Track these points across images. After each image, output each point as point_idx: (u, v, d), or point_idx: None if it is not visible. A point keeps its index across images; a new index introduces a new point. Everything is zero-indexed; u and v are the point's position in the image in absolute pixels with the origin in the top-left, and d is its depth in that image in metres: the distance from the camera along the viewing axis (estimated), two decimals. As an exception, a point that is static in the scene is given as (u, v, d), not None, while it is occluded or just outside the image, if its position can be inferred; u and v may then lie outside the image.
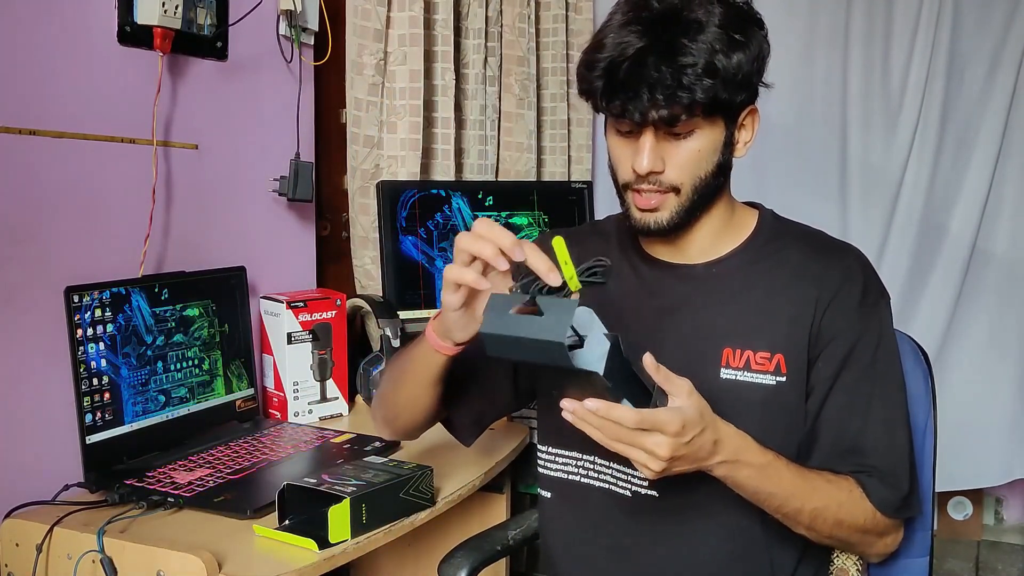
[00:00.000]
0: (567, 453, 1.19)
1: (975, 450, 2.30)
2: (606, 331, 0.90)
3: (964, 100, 2.28)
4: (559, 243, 0.93)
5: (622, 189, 1.11)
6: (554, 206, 2.08)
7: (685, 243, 1.15)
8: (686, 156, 1.06)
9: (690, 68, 0.99)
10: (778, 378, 1.09)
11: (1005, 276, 2.31)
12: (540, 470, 1.23)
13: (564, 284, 0.92)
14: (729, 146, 1.09)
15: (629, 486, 1.14)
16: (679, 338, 1.13)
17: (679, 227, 1.10)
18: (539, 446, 1.23)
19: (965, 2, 2.25)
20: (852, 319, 1.10)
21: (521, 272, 0.95)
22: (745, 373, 1.10)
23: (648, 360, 0.94)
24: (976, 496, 2.63)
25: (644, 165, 1.05)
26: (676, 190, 1.07)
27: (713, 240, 1.15)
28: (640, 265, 1.18)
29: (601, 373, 0.88)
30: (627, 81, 1.01)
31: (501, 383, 1.25)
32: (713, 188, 1.10)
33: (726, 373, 1.10)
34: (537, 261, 0.93)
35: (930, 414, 1.23)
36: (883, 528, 1.11)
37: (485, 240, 0.95)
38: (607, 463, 1.16)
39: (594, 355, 0.89)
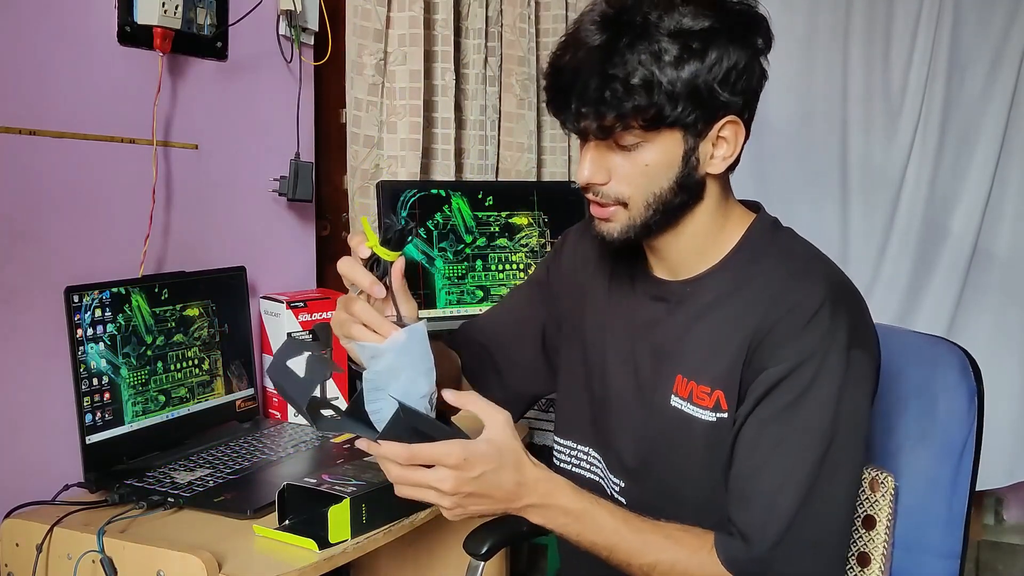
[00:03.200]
0: (567, 443, 1.20)
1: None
2: (395, 396, 0.90)
3: (965, 100, 2.28)
4: (363, 222, 1.01)
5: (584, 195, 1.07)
6: (554, 206, 2.08)
7: (669, 258, 1.09)
8: (632, 170, 0.99)
9: (618, 81, 0.93)
10: (719, 414, 1.02)
11: (1007, 277, 2.31)
12: (553, 460, 1.22)
13: (374, 257, 0.95)
14: (691, 162, 1.00)
15: (608, 484, 1.14)
16: (643, 358, 1.10)
17: (638, 240, 1.05)
18: (554, 436, 1.24)
19: (965, 2, 2.25)
20: (785, 350, 0.98)
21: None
22: (688, 405, 1.04)
23: (449, 396, 0.96)
24: (976, 496, 2.62)
25: (582, 176, 1.01)
26: (624, 204, 1.01)
27: (697, 256, 1.07)
28: (639, 278, 1.14)
29: (376, 440, 0.90)
30: (562, 90, 0.98)
31: (530, 360, 1.25)
32: (677, 205, 1.02)
33: (675, 401, 1.05)
34: (352, 273, 0.96)
35: (972, 432, 1.15)
36: None
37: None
38: (598, 457, 1.16)
39: (379, 418, 0.91)
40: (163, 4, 1.46)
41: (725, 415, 1.02)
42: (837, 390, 0.97)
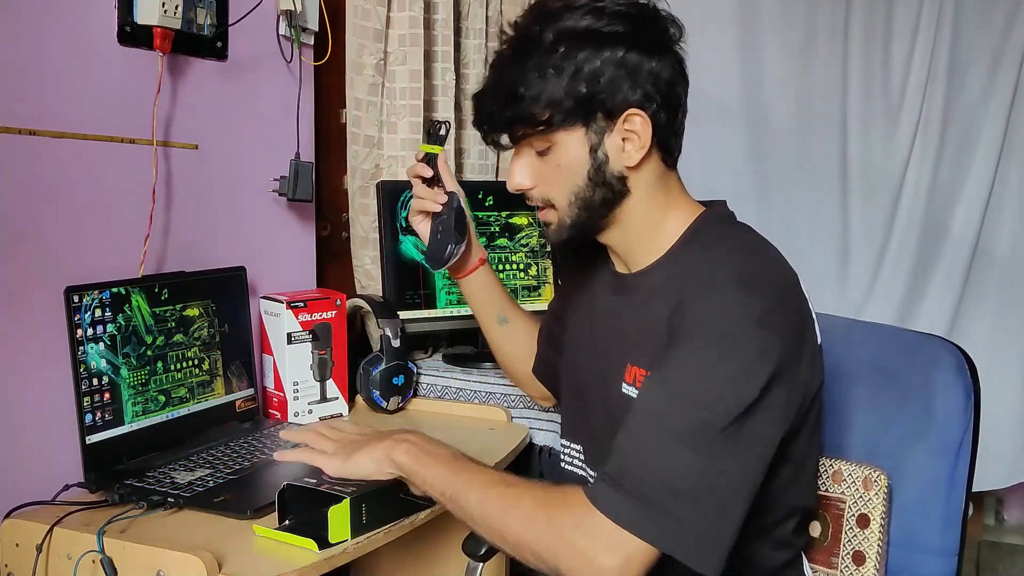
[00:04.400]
0: (564, 441, 1.26)
1: (979, 452, 2.30)
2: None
3: (965, 99, 2.28)
4: (421, 147, 1.42)
5: None
6: (554, 206, 2.08)
7: (620, 252, 1.16)
8: (550, 172, 1.09)
9: (507, 95, 1.06)
10: None
11: (1007, 277, 2.31)
12: (561, 463, 1.28)
13: (427, 155, 1.39)
14: (599, 156, 1.06)
15: (590, 478, 1.19)
16: (605, 350, 1.15)
17: (574, 239, 1.13)
18: (560, 439, 1.30)
19: (966, 1, 2.25)
20: (687, 319, 0.99)
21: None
22: (633, 389, 1.07)
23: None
24: (976, 496, 2.63)
25: (512, 183, 1.14)
26: (552, 205, 1.11)
27: (642, 249, 1.13)
28: (606, 274, 1.21)
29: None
30: (475, 113, 1.12)
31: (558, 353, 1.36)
32: (600, 201, 1.08)
33: (625, 388, 1.09)
34: (412, 168, 1.40)
35: (968, 429, 1.17)
36: (571, 519, 0.92)
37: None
38: (579, 451, 1.22)
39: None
40: (163, 4, 1.46)
41: None
42: (721, 363, 0.95)
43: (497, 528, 0.98)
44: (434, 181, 1.39)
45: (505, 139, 1.13)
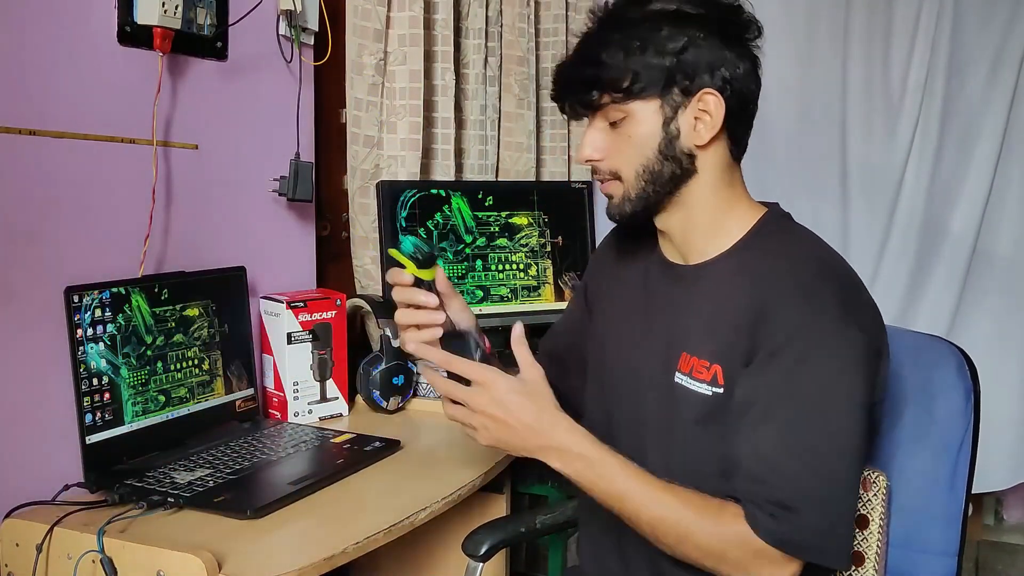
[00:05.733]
0: None
1: (979, 453, 2.30)
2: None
3: (965, 99, 2.28)
4: (393, 254, 1.16)
5: None
6: (554, 206, 2.08)
7: (676, 239, 1.16)
8: (621, 143, 1.11)
9: (592, 60, 1.09)
10: (715, 389, 1.06)
11: (1007, 277, 2.31)
12: None
13: (417, 280, 1.15)
14: (671, 131, 1.09)
15: None
16: (654, 339, 1.15)
17: (637, 214, 1.13)
18: None
19: (966, 1, 2.25)
20: (777, 324, 1.03)
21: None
22: (689, 379, 1.09)
23: (516, 332, 1.08)
24: (976, 496, 2.63)
25: (580, 154, 1.14)
26: (619, 177, 1.12)
27: (704, 239, 1.14)
28: (653, 264, 1.21)
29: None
30: (555, 80, 1.15)
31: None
32: (668, 176, 1.10)
33: (678, 377, 1.10)
34: (410, 295, 1.16)
35: (968, 430, 1.17)
36: (753, 558, 1.00)
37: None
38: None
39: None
40: (163, 4, 1.46)
41: (720, 390, 1.06)
42: (828, 361, 1.01)
43: (669, 550, 1.05)
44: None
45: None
